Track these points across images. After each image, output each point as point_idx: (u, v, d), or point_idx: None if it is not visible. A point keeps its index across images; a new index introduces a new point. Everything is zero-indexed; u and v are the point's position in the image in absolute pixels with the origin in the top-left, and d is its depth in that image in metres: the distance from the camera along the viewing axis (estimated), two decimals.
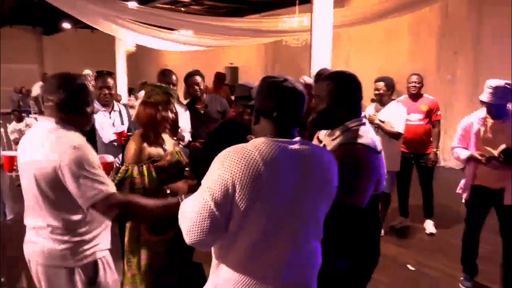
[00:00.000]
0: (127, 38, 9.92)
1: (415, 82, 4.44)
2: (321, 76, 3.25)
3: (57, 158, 1.67)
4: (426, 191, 4.63)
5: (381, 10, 7.70)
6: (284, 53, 10.90)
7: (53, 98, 1.76)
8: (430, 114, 4.45)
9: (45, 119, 1.80)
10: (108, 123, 3.34)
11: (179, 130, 3.43)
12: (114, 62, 12.07)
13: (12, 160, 2.16)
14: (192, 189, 2.07)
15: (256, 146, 1.33)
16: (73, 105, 1.79)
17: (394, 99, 4.20)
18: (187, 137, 3.70)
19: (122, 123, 3.44)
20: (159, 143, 2.37)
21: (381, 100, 4.09)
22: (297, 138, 1.43)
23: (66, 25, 13.49)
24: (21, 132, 6.29)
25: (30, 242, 1.84)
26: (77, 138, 1.75)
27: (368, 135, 1.82)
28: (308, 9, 7.88)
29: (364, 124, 1.87)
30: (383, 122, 3.91)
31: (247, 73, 11.38)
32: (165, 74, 3.66)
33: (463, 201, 3.57)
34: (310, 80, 4.48)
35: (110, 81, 3.34)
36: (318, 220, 1.46)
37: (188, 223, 1.34)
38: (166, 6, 9.90)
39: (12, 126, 6.78)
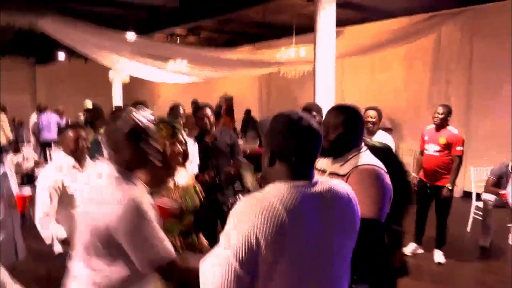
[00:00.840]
0: (125, 69, 9.95)
1: (439, 113, 4.55)
2: (310, 110, 3.32)
3: (112, 212, 1.50)
4: (439, 221, 4.63)
5: (375, 42, 7.89)
6: (278, 83, 11.01)
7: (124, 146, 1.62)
8: (449, 148, 4.50)
9: (105, 163, 1.65)
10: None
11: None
12: (107, 92, 12.04)
13: (25, 200, 2.08)
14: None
15: (277, 195, 1.25)
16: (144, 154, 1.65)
17: (379, 129, 4.28)
18: (195, 169, 3.65)
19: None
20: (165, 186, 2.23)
21: (372, 129, 4.13)
22: (316, 178, 1.36)
23: (61, 55, 13.53)
24: (19, 166, 6.15)
25: None
26: (136, 190, 1.60)
27: (376, 159, 1.96)
28: (304, 40, 8.07)
29: (366, 150, 2.02)
30: None
31: (241, 104, 11.41)
32: (173, 109, 3.68)
33: None
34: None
35: None
36: (347, 260, 1.40)
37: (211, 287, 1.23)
38: (161, 38, 9.99)
39: (9, 158, 6.64)
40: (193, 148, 3.69)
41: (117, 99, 11.07)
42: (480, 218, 5.22)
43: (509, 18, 6.53)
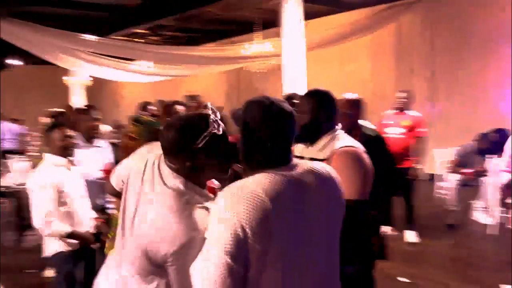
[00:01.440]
0: (85, 71, 9.69)
1: (401, 98, 4.82)
2: (292, 99, 3.37)
3: (168, 241, 1.36)
4: (407, 202, 4.80)
5: (337, 34, 8.07)
6: (244, 78, 11.03)
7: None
8: (412, 130, 4.69)
9: (172, 176, 1.47)
10: (92, 159, 3.22)
11: None
12: (63, 97, 11.63)
13: None
14: None
15: (258, 183, 1.21)
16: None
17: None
18: None
19: (107, 159, 3.33)
20: None
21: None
22: (295, 161, 1.33)
23: (15, 62, 12.99)
24: None
25: None
26: (202, 217, 1.38)
27: (352, 140, 2.00)
28: (267, 34, 8.14)
29: (340, 132, 2.04)
30: None
31: (206, 101, 11.35)
32: (145, 108, 3.63)
33: None
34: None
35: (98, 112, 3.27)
36: (336, 241, 1.39)
37: (208, 287, 1.17)
38: (123, 38, 9.79)
39: None
40: None
41: (77, 103, 10.72)
42: (445, 197, 5.47)
43: (465, 5, 6.84)
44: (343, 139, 1.98)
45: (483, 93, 7.21)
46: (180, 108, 3.78)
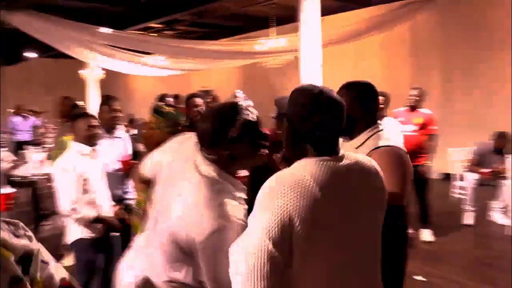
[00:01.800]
0: (100, 64, 9.74)
1: (413, 95, 4.79)
2: None
3: (199, 229, 1.36)
4: (421, 200, 4.75)
5: (353, 30, 7.99)
6: (259, 73, 11.01)
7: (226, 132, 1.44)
8: (425, 127, 4.67)
9: (205, 164, 1.46)
10: (112, 150, 3.23)
11: None
12: (79, 90, 11.72)
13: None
14: None
15: (307, 170, 1.20)
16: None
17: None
18: None
19: (126, 150, 3.33)
20: None
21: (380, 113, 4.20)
22: (342, 152, 1.31)
23: (31, 55, 13.09)
24: None
25: None
26: (233, 207, 1.39)
27: (396, 139, 1.90)
28: (283, 30, 8.10)
29: (383, 129, 1.92)
30: None
31: (220, 96, 11.37)
32: (162, 99, 3.63)
33: None
34: None
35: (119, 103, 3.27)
36: (379, 235, 1.36)
37: (244, 271, 1.14)
38: (138, 32, 9.82)
39: None
40: None
41: (93, 97, 10.81)
42: (462, 197, 5.41)
43: (481, 3, 6.75)
44: (387, 138, 1.86)
45: (499, 91, 7.10)
46: (198, 100, 3.77)
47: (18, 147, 9.37)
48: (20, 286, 1.05)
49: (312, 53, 4.96)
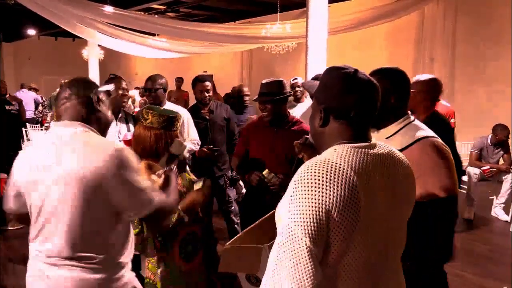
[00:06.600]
0: (101, 42, 9.61)
1: None
2: (317, 79, 3.24)
3: (101, 165, 1.45)
4: None
5: (358, 19, 7.88)
6: (260, 58, 10.92)
7: (79, 97, 1.59)
8: None
9: (65, 124, 1.56)
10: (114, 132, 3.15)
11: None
12: (78, 70, 11.60)
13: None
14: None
15: (343, 157, 1.11)
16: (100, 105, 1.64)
17: None
18: (193, 147, 3.53)
19: (129, 130, 3.26)
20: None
21: None
22: (374, 141, 1.23)
23: (31, 32, 12.91)
24: None
25: (47, 277, 1.50)
26: (113, 142, 1.58)
27: (429, 130, 1.82)
28: (287, 16, 8.00)
29: (414, 120, 1.85)
30: None
31: (220, 80, 11.27)
32: (153, 80, 3.53)
33: None
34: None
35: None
36: (405, 230, 1.30)
37: (288, 273, 1.04)
38: (140, 13, 9.67)
39: None
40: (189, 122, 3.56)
41: (94, 77, 10.71)
42: (464, 192, 5.38)
43: None
44: (422, 129, 1.80)
45: (505, 84, 7.03)
46: (208, 84, 3.70)
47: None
48: None
49: (318, 40, 4.89)
